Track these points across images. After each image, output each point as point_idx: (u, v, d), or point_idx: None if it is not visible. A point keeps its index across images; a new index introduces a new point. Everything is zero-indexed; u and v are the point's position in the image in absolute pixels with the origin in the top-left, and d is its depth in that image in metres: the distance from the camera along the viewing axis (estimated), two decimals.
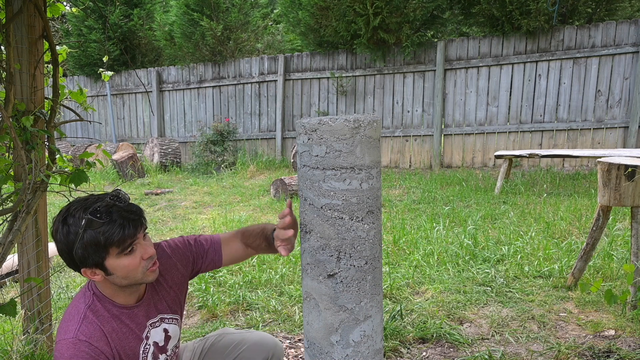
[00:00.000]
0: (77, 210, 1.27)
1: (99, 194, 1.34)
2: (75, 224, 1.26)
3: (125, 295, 1.40)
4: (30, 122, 2.00)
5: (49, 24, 2.14)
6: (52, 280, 3.30)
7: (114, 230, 1.25)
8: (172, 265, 1.54)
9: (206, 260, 1.61)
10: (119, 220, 1.26)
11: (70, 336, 1.29)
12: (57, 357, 1.29)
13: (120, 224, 1.26)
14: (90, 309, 1.35)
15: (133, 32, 10.67)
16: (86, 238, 1.25)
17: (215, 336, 1.78)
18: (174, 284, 1.55)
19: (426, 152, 8.16)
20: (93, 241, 1.25)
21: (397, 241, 3.96)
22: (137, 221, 1.30)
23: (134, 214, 1.30)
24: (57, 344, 1.31)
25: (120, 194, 1.33)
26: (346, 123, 1.15)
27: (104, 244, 1.25)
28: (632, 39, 6.79)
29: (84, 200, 1.30)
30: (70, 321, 1.33)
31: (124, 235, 1.26)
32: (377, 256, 1.25)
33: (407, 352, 2.39)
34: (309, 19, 8.26)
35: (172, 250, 1.56)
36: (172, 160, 9.34)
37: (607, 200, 2.70)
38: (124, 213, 1.28)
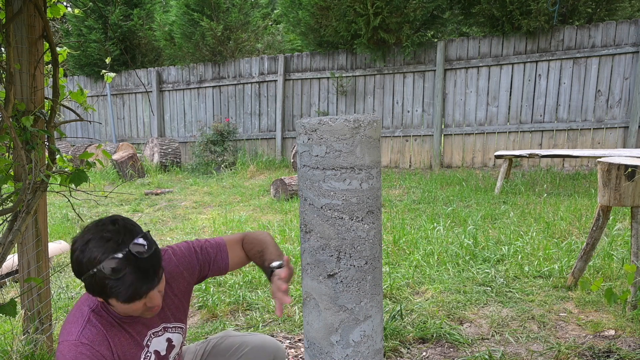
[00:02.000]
0: (95, 248, 1.21)
1: (124, 232, 1.25)
2: (89, 262, 1.21)
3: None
4: (30, 122, 2.00)
5: (49, 24, 2.14)
6: (52, 280, 3.30)
7: (120, 290, 1.21)
8: (179, 273, 1.53)
9: (212, 268, 1.60)
10: (130, 281, 1.21)
11: (72, 338, 1.29)
12: (58, 358, 1.29)
13: (129, 286, 1.22)
14: (95, 312, 1.35)
15: (133, 32, 10.67)
16: (94, 281, 1.22)
17: (217, 338, 1.78)
18: (179, 292, 1.53)
19: (426, 152, 8.16)
20: (99, 287, 1.23)
21: (397, 241, 3.96)
22: (148, 285, 1.25)
23: (147, 277, 1.24)
24: (59, 344, 1.31)
25: (143, 246, 1.25)
26: (346, 123, 1.15)
27: (108, 294, 1.23)
28: (632, 39, 6.79)
29: (106, 241, 1.22)
30: (73, 323, 1.33)
31: (130, 295, 1.23)
32: (377, 256, 1.25)
33: (407, 352, 2.39)
34: (309, 19, 8.26)
35: (179, 258, 1.54)
36: (172, 160, 9.34)
37: (607, 200, 2.70)
38: (137, 274, 1.22)
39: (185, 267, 1.54)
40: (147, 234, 1.29)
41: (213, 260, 1.59)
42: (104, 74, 2.88)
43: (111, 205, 6.37)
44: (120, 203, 6.51)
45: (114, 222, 1.28)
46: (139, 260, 1.23)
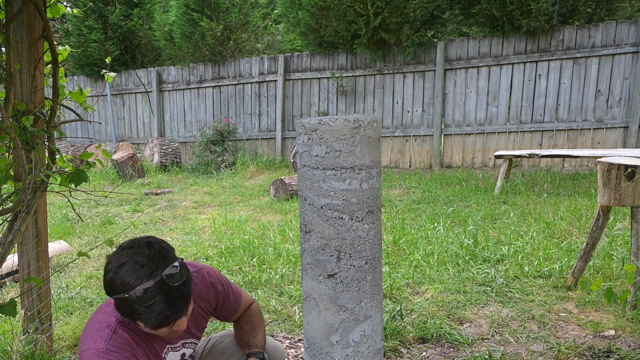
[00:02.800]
0: (129, 273, 1.22)
1: (158, 258, 1.25)
2: (121, 286, 1.22)
3: None
4: (30, 122, 2.00)
5: (49, 24, 2.14)
6: (52, 280, 3.30)
7: (151, 316, 1.23)
8: (207, 295, 1.56)
9: (221, 312, 1.67)
10: (160, 309, 1.23)
11: (101, 346, 1.30)
12: None
13: (159, 313, 1.23)
14: (121, 323, 1.36)
15: (133, 32, 10.67)
16: (125, 304, 1.24)
17: (218, 337, 1.79)
18: (202, 311, 1.57)
19: (426, 152, 8.16)
20: (129, 310, 1.24)
21: (397, 241, 3.96)
22: (178, 313, 1.26)
23: (177, 306, 1.25)
24: (85, 352, 1.31)
25: (176, 274, 1.25)
26: (346, 123, 1.15)
27: (137, 318, 1.25)
28: (632, 39, 6.79)
29: (141, 267, 1.23)
30: (100, 331, 1.33)
31: (159, 323, 1.25)
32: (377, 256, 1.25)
33: (407, 352, 2.39)
34: (309, 19, 8.26)
35: (214, 289, 1.58)
36: (172, 160, 9.35)
37: (607, 200, 2.70)
38: (167, 303, 1.23)
39: (214, 297, 1.59)
40: (182, 262, 1.29)
41: (225, 308, 1.66)
42: (105, 74, 2.89)
43: (111, 205, 6.37)
44: (120, 203, 6.51)
45: (149, 246, 1.28)
46: (170, 288, 1.23)
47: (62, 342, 2.50)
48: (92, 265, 3.91)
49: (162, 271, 1.24)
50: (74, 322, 2.73)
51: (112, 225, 5.25)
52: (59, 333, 2.59)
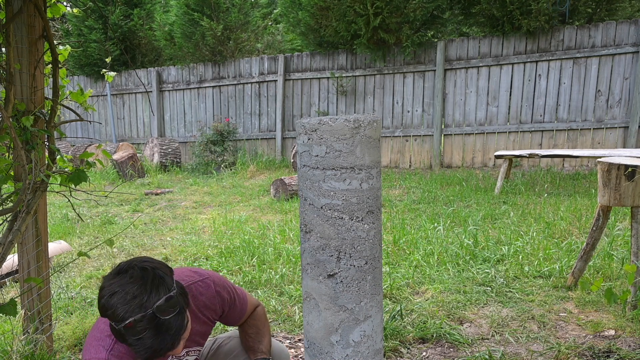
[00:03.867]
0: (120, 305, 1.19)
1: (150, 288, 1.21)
2: (112, 315, 1.20)
3: None
4: (30, 122, 2.00)
5: (49, 24, 2.14)
6: (52, 280, 3.31)
7: (139, 349, 1.21)
8: (213, 306, 1.55)
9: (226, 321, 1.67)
10: (148, 344, 1.21)
11: (103, 356, 1.30)
12: None
13: (147, 348, 1.21)
14: None
15: (133, 32, 10.67)
16: (116, 331, 1.22)
17: (224, 338, 1.79)
18: (207, 319, 1.56)
19: (426, 152, 8.16)
20: (121, 338, 1.23)
21: (397, 241, 3.96)
22: (168, 347, 1.24)
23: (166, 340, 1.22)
24: None
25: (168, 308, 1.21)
26: (346, 123, 1.15)
27: (128, 345, 1.23)
28: (632, 39, 6.79)
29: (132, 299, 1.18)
30: (102, 340, 1.33)
31: (150, 356, 1.23)
32: (377, 256, 1.25)
33: (407, 352, 2.39)
34: (309, 19, 8.26)
35: (219, 297, 1.56)
36: (172, 160, 9.35)
37: (607, 200, 2.70)
38: (158, 337, 1.20)
39: (220, 305, 1.57)
40: (174, 294, 1.24)
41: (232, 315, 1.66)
42: (105, 73, 2.89)
43: (111, 205, 6.37)
44: (121, 203, 6.51)
45: (144, 272, 1.24)
46: (162, 321, 1.20)
47: (62, 342, 2.50)
48: (92, 265, 3.91)
49: (154, 302, 1.19)
50: (74, 322, 2.73)
51: (112, 225, 5.25)
52: (59, 333, 2.59)
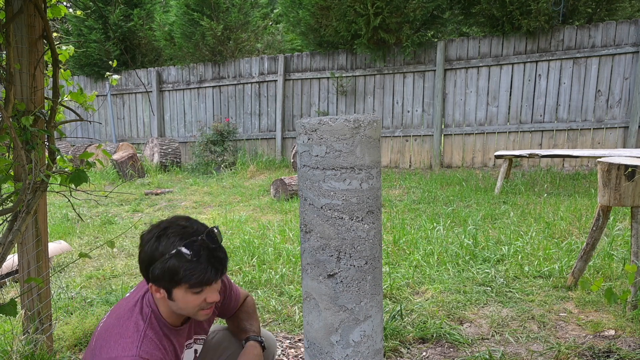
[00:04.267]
0: (173, 234, 1.30)
1: (197, 225, 1.35)
2: (166, 247, 1.29)
3: (175, 318, 1.43)
4: (30, 122, 2.00)
5: (49, 24, 2.14)
6: (52, 280, 3.30)
7: (195, 272, 1.28)
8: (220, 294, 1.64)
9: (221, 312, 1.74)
10: (205, 265, 1.29)
11: (133, 353, 1.28)
12: None
13: (203, 269, 1.29)
14: (151, 327, 1.36)
15: (133, 32, 10.66)
16: (168, 265, 1.28)
17: (210, 332, 1.79)
18: (214, 307, 1.63)
19: (426, 152, 8.16)
20: (173, 271, 1.28)
21: (397, 241, 3.96)
22: (219, 271, 1.32)
23: (220, 264, 1.32)
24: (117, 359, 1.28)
25: (214, 234, 1.35)
26: (346, 123, 1.15)
27: (180, 278, 1.29)
28: (632, 39, 6.79)
29: (183, 228, 1.32)
30: (130, 337, 1.31)
31: (202, 280, 1.30)
32: (377, 256, 1.25)
33: (407, 352, 2.39)
34: (310, 19, 8.26)
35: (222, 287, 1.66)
36: (172, 160, 9.34)
37: (607, 200, 2.70)
38: (212, 259, 1.30)
39: (222, 286, 1.67)
40: (218, 228, 1.39)
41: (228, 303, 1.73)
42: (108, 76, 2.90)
43: (111, 205, 6.37)
44: (121, 203, 6.51)
45: (187, 218, 1.38)
46: (213, 248, 1.31)
47: (62, 342, 2.50)
48: (92, 265, 3.91)
49: (204, 233, 1.32)
50: (74, 322, 2.72)
51: (112, 225, 5.25)
52: (59, 333, 2.59)
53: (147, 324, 1.36)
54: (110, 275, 3.63)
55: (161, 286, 1.33)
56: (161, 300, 1.39)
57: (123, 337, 1.32)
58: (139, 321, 1.36)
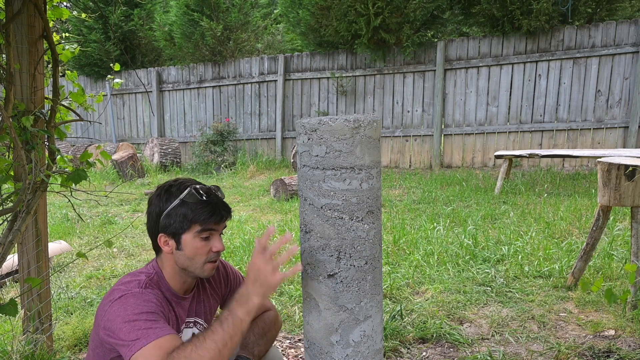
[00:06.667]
0: (183, 183, 1.42)
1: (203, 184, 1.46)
2: (177, 191, 1.39)
3: (179, 281, 1.47)
4: (30, 122, 2.00)
5: (49, 24, 2.14)
6: (52, 280, 3.30)
7: (205, 209, 1.36)
8: (219, 280, 1.66)
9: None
10: (213, 204, 1.38)
11: (136, 290, 1.33)
12: (116, 309, 1.28)
13: (212, 208, 1.38)
14: (152, 281, 1.42)
15: (133, 32, 10.66)
16: (180, 206, 1.37)
17: None
18: (215, 294, 1.64)
19: (426, 152, 8.16)
20: (183, 212, 1.37)
21: (397, 241, 3.96)
22: (225, 214, 1.41)
23: (225, 208, 1.42)
24: (115, 300, 1.30)
25: (220, 189, 1.46)
26: (346, 123, 1.15)
27: (191, 218, 1.36)
28: (632, 39, 6.79)
29: (191, 179, 1.45)
30: (130, 284, 1.37)
31: (210, 218, 1.37)
32: (377, 256, 1.25)
33: (407, 352, 2.39)
34: (310, 19, 8.26)
35: (226, 271, 1.69)
36: (172, 160, 9.34)
37: (607, 200, 2.70)
38: (219, 201, 1.41)
39: (225, 281, 1.67)
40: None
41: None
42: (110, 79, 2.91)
43: (111, 205, 6.37)
44: (121, 203, 6.51)
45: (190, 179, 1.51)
46: (220, 195, 1.44)
47: (62, 342, 2.50)
48: (92, 265, 3.91)
49: (212, 186, 1.45)
50: (74, 322, 2.72)
51: (112, 225, 5.25)
52: (59, 333, 2.59)
53: (149, 279, 1.41)
54: (110, 275, 3.63)
55: (171, 233, 1.39)
56: (167, 262, 1.44)
57: (124, 284, 1.37)
58: (142, 276, 1.41)
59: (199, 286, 1.58)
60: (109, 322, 1.28)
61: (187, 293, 1.52)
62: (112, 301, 1.31)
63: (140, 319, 1.25)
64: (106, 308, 1.31)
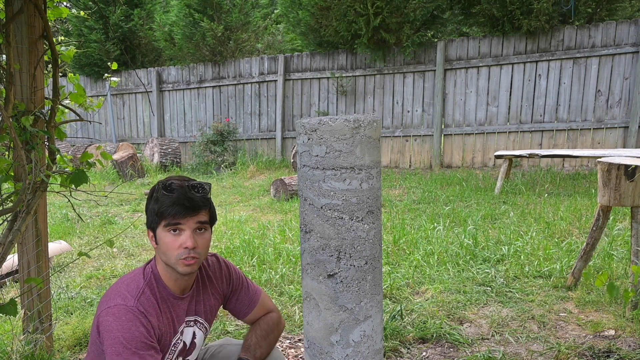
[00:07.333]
0: (167, 180, 1.46)
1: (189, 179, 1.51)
2: (156, 189, 1.45)
3: (170, 279, 1.49)
4: (30, 122, 2.00)
5: (49, 24, 2.14)
6: (52, 280, 3.30)
7: (165, 203, 1.40)
8: (221, 278, 1.66)
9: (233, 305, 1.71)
10: (175, 199, 1.40)
11: (131, 304, 1.38)
12: (110, 320, 1.35)
13: (172, 202, 1.39)
14: (149, 286, 1.45)
15: (133, 32, 10.66)
16: (152, 203, 1.44)
17: (216, 347, 1.76)
18: (216, 293, 1.64)
19: (426, 152, 8.16)
20: (153, 207, 1.43)
21: (397, 241, 3.96)
22: (188, 209, 1.40)
23: (190, 202, 1.41)
24: (111, 307, 1.37)
25: (200, 184, 1.47)
26: (346, 123, 1.15)
27: (157, 212, 1.41)
28: (632, 39, 6.79)
29: (181, 177, 1.48)
30: (128, 292, 1.42)
31: (169, 212, 1.39)
32: (377, 256, 1.25)
33: (407, 352, 2.39)
34: (310, 19, 8.26)
35: (228, 270, 1.69)
36: (172, 160, 9.34)
37: (607, 200, 2.70)
38: (182, 197, 1.40)
39: (227, 280, 1.68)
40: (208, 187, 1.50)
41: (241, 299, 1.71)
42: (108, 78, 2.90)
43: (111, 205, 6.37)
44: (121, 203, 6.51)
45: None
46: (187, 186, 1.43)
47: (62, 342, 2.50)
48: (92, 265, 3.91)
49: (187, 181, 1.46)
50: (74, 322, 2.73)
51: (112, 225, 5.25)
52: (59, 333, 2.59)
53: (146, 282, 1.45)
54: (110, 275, 3.63)
55: (151, 228, 1.45)
56: (157, 258, 1.48)
57: (124, 289, 1.42)
58: (140, 280, 1.45)
59: (198, 285, 1.58)
60: (103, 330, 1.37)
61: (185, 292, 1.53)
62: (108, 308, 1.38)
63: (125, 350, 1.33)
64: (103, 312, 1.38)
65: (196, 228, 1.43)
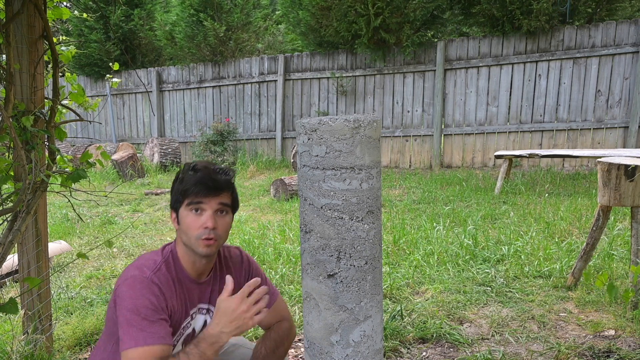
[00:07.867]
0: (191, 163, 1.51)
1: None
2: (183, 170, 1.50)
3: (189, 261, 1.50)
4: (30, 122, 2.00)
5: (49, 24, 2.14)
6: (52, 280, 3.30)
7: (189, 182, 1.44)
8: (240, 271, 1.66)
9: None
10: (199, 179, 1.43)
11: (146, 275, 1.40)
12: (124, 290, 1.38)
13: (196, 182, 1.43)
14: (166, 264, 1.47)
15: (133, 32, 10.66)
16: (177, 183, 1.48)
17: (229, 344, 1.74)
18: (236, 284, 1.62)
19: (426, 152, 8.16)
20: (178, 187, 1.47)
21: (397, 241, 3.96)
22: (211, 188, 1.43)
23: (213, 182, 1.44)
24: (129, 279, 1.40)
25: (225, 168, 1.52)
26: (346, 123, 1.15)
27: (181, 191, 1.45)
28: (632, 39, 6.79)
29: (206, 161, 1.53)
30: (145, 266, 1.44)
31: (192, 191, 1.43)
32: (377, 256, 1.25)
33: (407, 352, 2.39)
34: (310, 19, 8.26)
35: (249, 263, 1.70)
36: (172, 160, 9.34)
37: (607, 200, 2.70)
38: (206, 177, 1.44)
39: (246, 274, 1.68)
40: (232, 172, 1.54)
41: None
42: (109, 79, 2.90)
43: (111, 205, 6.37)
44: (121, 203, 6.51)
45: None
46: (213, 169, 1.47)
47: (62, 342, 2.50)
48: (92, 265, 3.91)
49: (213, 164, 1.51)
50: (74, 322, 2.72)
51: (112, 225, 5.25)
52: (58, 333, 2.59)
53: (164, 260, 1.48)
54: (110, 275, 3.63)
55: (174, 208, 1.48)
56: (178, 240, 1.50)
57: (139, 266, 1.45)
58: (158, 257, 1.49)
59: (216, 274, 1.58)
60: (118, 301, 1.39)
61: (202, 278, 1.53)
62: (125, 280, 1.41)
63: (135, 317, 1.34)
64: (119, 285, 1.42)
65: (218, 210, 1.45)
